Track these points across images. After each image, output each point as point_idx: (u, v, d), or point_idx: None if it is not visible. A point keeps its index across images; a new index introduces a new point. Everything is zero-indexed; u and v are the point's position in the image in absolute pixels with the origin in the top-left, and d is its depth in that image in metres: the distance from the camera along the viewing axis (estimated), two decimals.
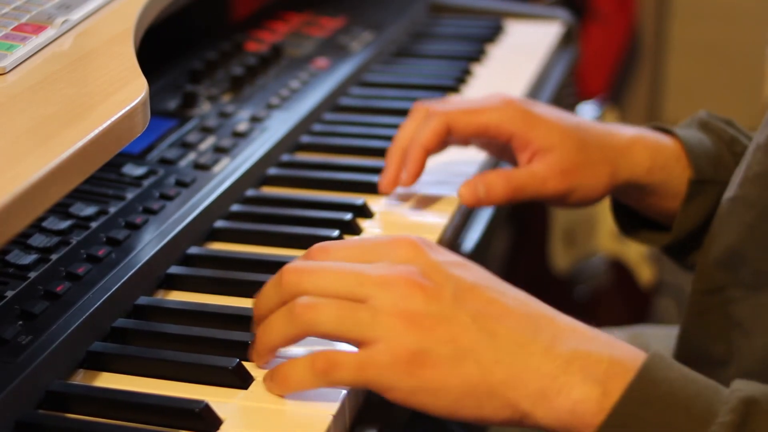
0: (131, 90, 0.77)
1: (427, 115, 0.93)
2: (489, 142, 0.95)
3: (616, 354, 0.65)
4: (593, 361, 0.64)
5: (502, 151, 0.97)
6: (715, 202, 0.94)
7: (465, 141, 0.97)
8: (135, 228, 0.85)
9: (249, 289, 0.82)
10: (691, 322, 0.89)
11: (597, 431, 0.63)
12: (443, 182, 0.98)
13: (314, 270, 0.68)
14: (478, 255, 1.01)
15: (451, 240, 0.96)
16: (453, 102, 0.96)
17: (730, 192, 0.86)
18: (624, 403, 0.63)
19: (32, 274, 0.77)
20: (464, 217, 1.00)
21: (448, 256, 0.69)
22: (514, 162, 0.95)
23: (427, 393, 0.65)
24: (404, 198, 0.97)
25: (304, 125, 1.10)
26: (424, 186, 0.97)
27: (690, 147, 0.94)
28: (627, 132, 0.95)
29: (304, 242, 0.89)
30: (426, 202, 0.96)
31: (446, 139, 0.93)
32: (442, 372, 0.65)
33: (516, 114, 0.92)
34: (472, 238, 1.03)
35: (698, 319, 0.88)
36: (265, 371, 0.72)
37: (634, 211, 1.01)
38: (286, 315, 0.68)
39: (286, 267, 0.69)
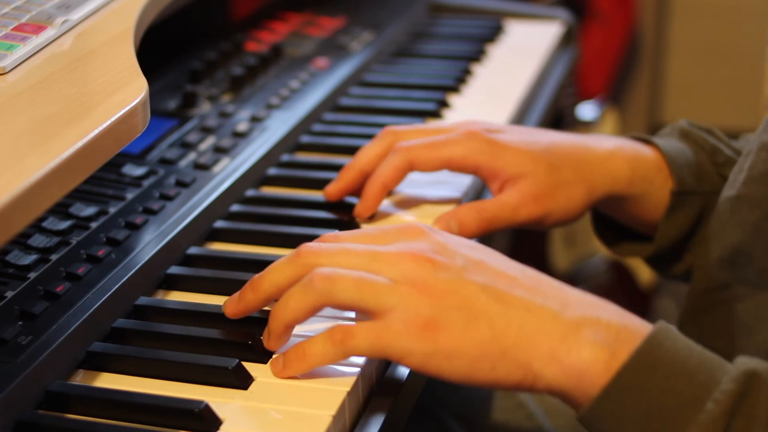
0: (131, 90, 0.77)
1: (391, 146, 0.92)
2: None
3: (625, 321, 0.68)
4: (603, 326, 0.67)
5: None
6: (698, 213, 0.94)
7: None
8: (135, 228, 0.85)
9: None
10: (689, 322, 0.89)
11: (602, 392, 0.65)
12: (440, 182, 0.98)
13: (331, 249, 0.71)
14: None
15: None
16: (419, 132, 0.94)
17: (731, 191, 0.86)
18: (630, 367, 0.65)
19: (32, 275, 0.77)
20: None
21: (455, 239, 0.72)
22: None
23: (442, 357, 0.67)
24: (401, 198, 0.96)
25: (304, 125, 1.10)
26: (421, 186, 0.97)
27: (671, 158, 0.94)
28: (606, 144, 0.94)
29: (304, 242, 0.89)
30: (424, 202, 0.96)
31: (408, 172, 0.92)
32: (456, 335, 0.67)
33: (480, 145, 0.91)
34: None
35: (699, 317, 0.88)
36: (261, 376, 0.72)
37: (615, 222, 1.01)
38: (304, 286, 0.70)
39: (302, 246, 0.72)
